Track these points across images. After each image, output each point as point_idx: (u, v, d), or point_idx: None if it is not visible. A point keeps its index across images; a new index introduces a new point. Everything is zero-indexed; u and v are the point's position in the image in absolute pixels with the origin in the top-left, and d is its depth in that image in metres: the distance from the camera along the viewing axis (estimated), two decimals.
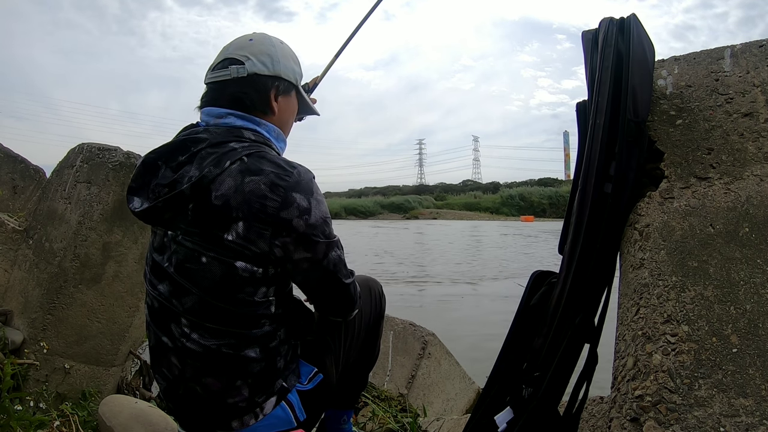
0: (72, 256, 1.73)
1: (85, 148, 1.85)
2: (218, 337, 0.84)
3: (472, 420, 1.22)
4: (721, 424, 0.80)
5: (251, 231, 0.79)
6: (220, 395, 0.86)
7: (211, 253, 0.81)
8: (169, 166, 0.86)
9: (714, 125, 1.03)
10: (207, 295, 0.82)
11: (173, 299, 0.85)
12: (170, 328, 0.87)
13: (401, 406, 2.20)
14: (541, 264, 9.68)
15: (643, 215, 1.04)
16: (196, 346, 0.84)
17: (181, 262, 0.84)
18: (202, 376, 0.86)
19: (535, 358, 1.10)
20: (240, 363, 0.85)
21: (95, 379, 1.81)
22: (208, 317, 0.83)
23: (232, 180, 0.80)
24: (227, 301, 0.83)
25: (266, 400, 0.88)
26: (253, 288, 0.83)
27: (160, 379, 0.93)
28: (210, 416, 0.88)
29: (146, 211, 0.87)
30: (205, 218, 0.81)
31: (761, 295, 0.87)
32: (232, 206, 0.79)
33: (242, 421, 0.88)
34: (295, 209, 0.80)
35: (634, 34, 1.07)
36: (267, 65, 0.92)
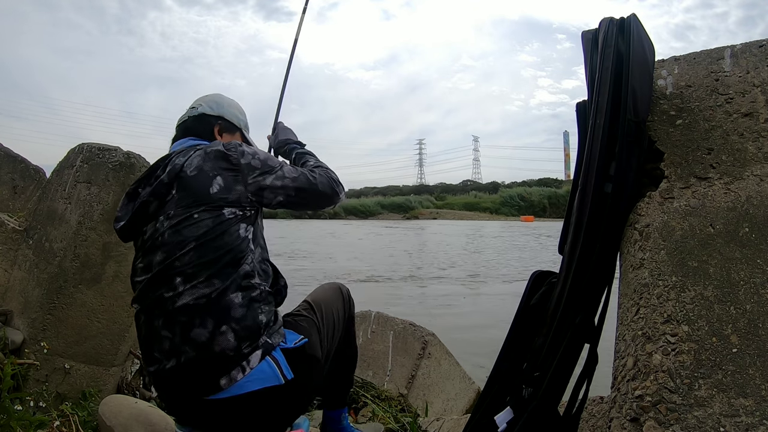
0: (72, 256, 1.73)
1: (85, 148, 1.85)
2: (209, 283, 0.96)
3: (472, 420, 1.22)
4: (721, 424, 0.80)
5: (227, 180, 1.03)
6: (207, 346, 0.94)
7: (201, 208, 1.00)
8: (148, 185, 1.08)
9: (714, 125, 1.03)
10: (203, 239, 0.98)
11: (170, 261, 0.98)
12: (162, 294, 0.98)
13: (401, 406, 2.20)
14: (541, 264, 9.70)
15: (643, 215, 1.04)
16: (187, 300, 0.96)
17: (174, 227, 1.00)
18: (190, 331, 0.95)
19: (535, 358, 1.10)
20: (225, 307, 0.96)
21: (95, 379, 1.81)
22: (201, 264, 0.97)
23: (198, 157, 1.06)
24: (218, 243, 0.99)
25: (252, 352, 0.95)
26: (235, 227, 1.01)
27: (152, 365, 1.00)
28: (200, 380, 0.94)
29: (133, 215, 1.06)
30: (189, 187, 1.02)
31: (761, 295, 0.87)
32: (206, 170, 1.03)
33: (230, 376, 0.94)
34: (248, 156, 1.08)
35: (634, 34, 1.07)
36: (213, 108, 1.24)
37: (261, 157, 1.09)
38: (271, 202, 1.09)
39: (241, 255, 1.00)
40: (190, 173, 1.03)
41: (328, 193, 1.16)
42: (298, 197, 1.11)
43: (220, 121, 1.23)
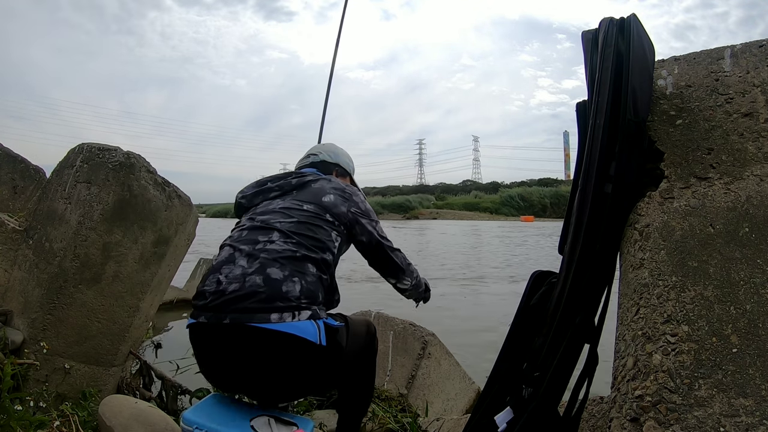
0: (72, 256, 1.73)
1: (85, 148, 1.85)
2: (298, 246, 1.20)
3: (472, 420, 1.22)
4: (721, 424, 0.80)
5: (337, 199, 1.33)
6: (279, 282, 1.12)
7: (311, 206, 1.30)
8: (275, 182, 1.41)
9: (714, 125, 1.03)
10: (305, 220, 1.26)
11: (277, 220, 1.25)
12: (257, 239, 1.21)
13: (401, 406, 2.20)
14: (541, 263, 9.63)
15: (643, 215, 1.03)
16: (278, 246, 1.18)
17: (286, 206, 1.30)
18: (268, 267, 1.14)
19: (535, 358, 1.10)
20: (303, 267, 1.17)
21: (95, 379, 1.81)
22: (297, 233, 1.22)
23: (324, 181, 1.40)
24: (315, 229, 1.25)
25: (305, 308, 1.13)
26: (329, 230, 1.28)
27: (209, 288, 1.15)
28: (255, 306, 1.09)
29: (257, 193, 1.39)
30: (309, 192, 1.34)
31: (761, 295, 0.87)
32: (325, 188, 1.36)
33: (282, 316, 1.09)
34: (359, 197, 1.40)
35: (634, 34, 1.07)
36: (331, 157, 1.58)
37: (367, 206, 1.40)
38: (356, 236, 1.36)
39: (326, 248, 1.24)
40: (313, 186, 1.36)
41: (400, 266, 1.42)
42: (376, 249, 1.38)
43: (337, 168, 1.57)
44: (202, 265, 6.06)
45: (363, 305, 3.55)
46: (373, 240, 1.37)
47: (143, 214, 1.82)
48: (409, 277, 1.44)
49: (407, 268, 1.44)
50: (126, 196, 1.78)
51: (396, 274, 1.43)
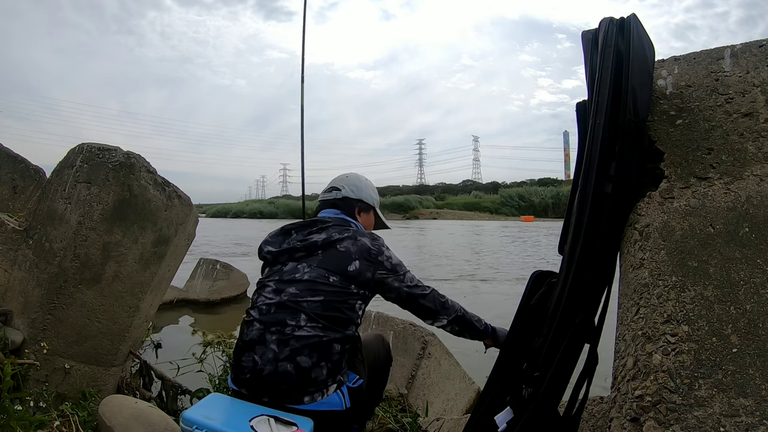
0: (72, 256, 1.73)
1: (85, 148, 1.85)
2: (324, 330, 1.26)
3: (472, 420, 1.22)
4: (721, 424, 0.80)
5: (362, 265, 1.34)
6: (308, 370, 1.22)
7: (337, 276, 1.31)
8: (299, 233, 1.41)
9: (714, 125, 1.03)
10: (330, 298, 1.29)
11: (304, 299, 1.28)
12: (285, 321, 1.26)
13: (401, 406, 2.20)
14: (541, 262, 9.68)
15: (643, 215, 1.03)
16: (306, 333, 1.24)
17: (313, 278, 1.31)
18: (298, 355, 1.23)
19: (535, 358, 1.10)
20: (329, 350, 1.25)
21: (95, 379, 1.81)
22: (324, 315, 1.27)
23: (350, 241, 1.37)
24: (340, 306, 1.29)
25: (331, 384, 1.25)
26: (353, 302, 1.32)
27: (246, 365, 1.26)
28: (289, 391, 1.22)
29: (283, 251, 1.38)
30: (335, 258, 1.34)
31: (761, 295, 0.87)
32: (351, 252, 1.34)
33: (312, 397, 1.23)
34: (385, 257, 1.38)
35: (634, 34, 1.07)
36: (354, 192, 1.54)
37: (393, 262, 1.40)
38: (384, 293, 1.40)
39: (351, 321, 1.31)
40: (339, 248, 1.35)
41: (431, 308, 1.42)
42: (406, 300, 1.40)
43: (360, 203, 1.55)
44: (202, 265, 6.06)
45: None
46: (402, 294, 1.39)
47: (143, 214, 1.82)
48: (445, 315, 1.43)
49: (441, 308, 1.43)
50: (126, 196, 1.78)
51: (431, 316, 1.43)
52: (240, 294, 5.80)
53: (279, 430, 1.11)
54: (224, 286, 5.71)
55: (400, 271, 1.41)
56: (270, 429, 1.10)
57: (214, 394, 1.30)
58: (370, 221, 1.59)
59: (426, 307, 1.42)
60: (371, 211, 1.59)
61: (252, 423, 1.10)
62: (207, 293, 5.58)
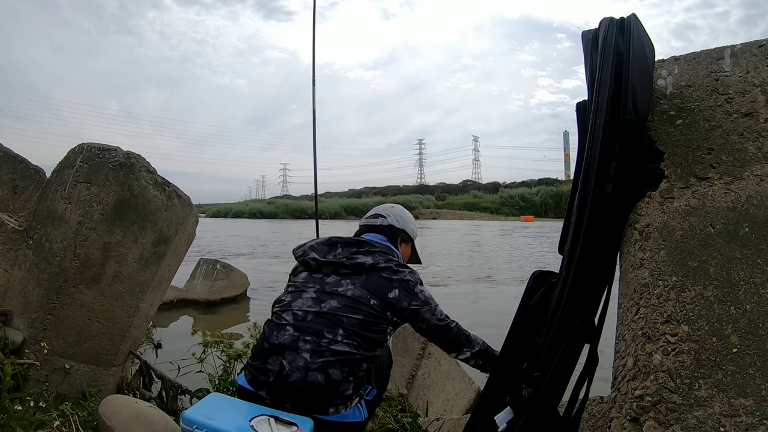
0: (72, 256, 1.73)
1: (85, 148, 1.85)
2: (358, 348, 1.31)
3: (472, 420, 1.22)
4: (721, 424, 0.80)
5: (401, 295, 1.40)
6: (337, 384, 1.27)
7: (377, 301, 1.37)
8: (345, 248, 1.46)
9: (714, 125, 1.03)
10: (367, 319, 1.34)
11: (345, 315, 1.33)
12: (322, 333, 1.30)
13: (401, 406, 2.20)
14: (542, 261, 9.68)
15: (643, 215, 1.03)
16: (341, 348, 1.29)
17: (357, 296, 1.36)
18: (330, 368, 1.27)
19: (535, 358, 1.10)
20: (359, 367, 1.31)
21: (95, 379, 1.81)
22: (360, 334, 1.32)
23: (391, 270, 1.43)
24: (375, 328, 1.35)
25: (355, 398, 1.32)
26: (386, 326, 1.38)
27: (272, 368, 1.28)
28: (315, 401, 1.26)
29: (328, 263, 1.43)
30: (378, 283, 1.40)
31: (761, 295, 0.87)
32: (393, 280, 1.41)
33: (337, 409, 1.28)
34: (420, 289, 1.45)
35: (634, 34, 1.07)
36: (399, 222, 1.64)
37: (426, 295, 1.47)
38: (415, 323, 1.46)
39: (379, 344, 1.37)
40: (383, 274, 1.41)
41: (456, 342, 1.48)
42: (434, 332, 1.46)
43: (403, 234, 1.65)
44: (202, 265, 6.06)
45: None
46: (432, 326, 1.46)
47: (143, 214, 1.82)
48: (468, 348, 1.49)
49: (465, 341, 1.49)
50: (126, 196, 1.78)
51: (456, 348, 1.49)
52: (240, 294, 5.80)
53: (279, 430, 1.11)
54: (224, 286, 5.72)
55: (432, 304, 1.47)
56: (270, 429, 1.10)
57: (214, 394, 1.30)
58: (408, 252, 1.69)
59: (451, 339, 1.48)
60: (410, 243, 1.70)
61: (252, 423, 1.10)
62: (207, 293, 5.58)
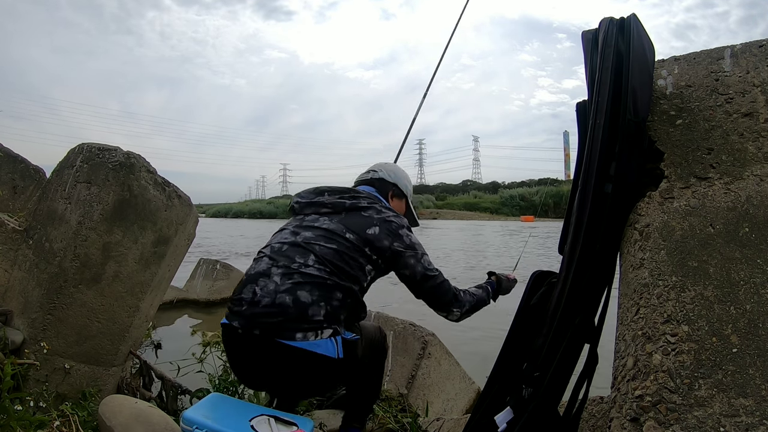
0: (72, 256, 1.73)
1: (85, 148, 1.85)
2: (330, 275, 1.26)
3: (472, 420, 1.22)
4: (721, 424, 0.80)
5: (382, 233, 1.36)
6: (305, 306, 1.22)
7: (354, 236, 1.33)
8: (331, 195, 1.44)
9: (714, 125, 1.03)
10: (343, 250, 1.30)
11: (318, 243, 1.31)
12: (294, 258, 1.29)
13: (401, 406, 2.19)
14: (542, 261, 9.59)
15: (643, 215, 1.03)
16: (312, 271, 1.26)
17: (332, 230, 1.34)
18: (299, 289, 1.23)
19: (535, 358, 1.10)
20: (331, 293, 1.25)
21: (95, 379, 1.81)
22: (333, 262, 1.28)
23: (374, 210, 1.41)
24: (350, 261, 1.30)
25: (327, 329, 1.24)
26: (364, 263, 1.32)
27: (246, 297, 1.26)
28: (283, 325, 1.21)
29: (311, 203, 1.44)
30: (356, 219, 1.37)
31: (761, 295, 0.87)
32: (373, 218, 1.37)
33: (305, 335, 1.21)
34: (405, 231, 1.40)
35: (634, 34, 1.07)
36: (391, 176, 1.60)
37: (413, 240, 1.41)
38: (398, 269, 1.39)
39: (357, 280, 1.31)
40: (363, 213, 1.39)
41: (445, 299, 1.41)
42: (420, 282, 1.39)
43: (395, 188, 1.60)
44: (202, 265, 6.06)
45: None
46: (417, 274, 1.38)
47: (143, 214, 1.82)
48: (458, 308, 1.43)
49: (455, 300, 1.43)
50: (126, 196, 1.78)
51: (444, 307, 1.43)
52: None
53: (279, 430, 1.11)
54: (224, 286, 5.72)
55: (419, 250, 1.40)
56: (270, 429, 1.10)
57: (214, 394, 1.30)
58: (401, 209, 1.61)
59: (439, 296, 1.41)
60: (404, 199, 1.63)
61: (252, 423, 1.10)
62: (207, 293, 5.58)
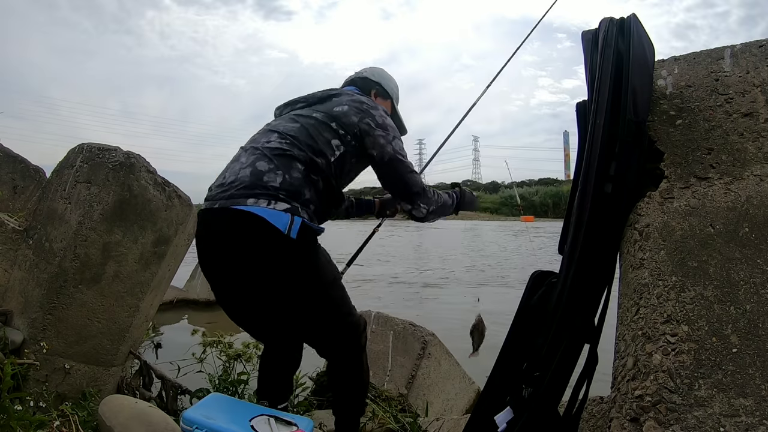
0: (72, 256, 1.73)
1: (85, 148, 1.85)
2: (291, 146, 1.24)
3: (472, 420, 1.22)
4: (721, 424, 0.80)
5: (350, 110, 1.31)
6: (261, 174, 1.20)
7: (320, 114, 1.31)
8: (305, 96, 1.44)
9: (714, 125, 1.03)
10: (305, 125, 1.29)
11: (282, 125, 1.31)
12: (260, 139, 1.30)
13: (401, 406, 2.19)
14: (542, 261, 9.60)
15: (643, 215, 1.03)
16: (273, 144, 1.25)
17: (300, 114, 1.34)
18: (258, 161, 1.23)
19: (535, 358, 1.10)
20: (290, 162, 1.22)
21: (95, 379, 1.81)
22: (295, 135, 1.27)
23: (347, 96, 1.38)
24: (314, 134, 1.27)
25: (283, 201, 1.18)
26: (330, 137, 1.28)
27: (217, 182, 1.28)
28: (238, 193, 1.19)
29: (288, 103, 1.45)
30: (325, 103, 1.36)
31: (761, 295, 0.87)
32: (344, 99, 1.35)
33: (257, 201, 1.16)
34: (378, 110, 1.35)
35: (634, 34, 1.07)
36: (375, 76, 1.56)
37: (386, 120, 1.34)
38: (367, 149, 1.31)
39: (321, 152, 1.26)
40: (334, 99, 1.36)
41: (413, 190, 1.33)
42: (387, 165, 1.31)
43: (378, 87, 1.54)
44: None
45: (363, 305, 3.55)
46: (385, 155, 1.29)
47: (143, 214, 1.82)
48: (425, 203, 1.34)
49: (423, 194, 1.34)
50: (126, 196, 1.78)
51: (410, 198, 1.33)
52: None
53: (279, 430, 1.11)
54: None
55: (391, 132, 1.32)
56: (270, 429, 1.10)
57: (214, 394, 1.30)
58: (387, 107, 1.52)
59: (408, 184, 1.32)
60: (389, 100, 1.55)
61: (252, 423, 1.10)
62: (207, 293, 5.58)
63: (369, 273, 8.61)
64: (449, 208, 1.47)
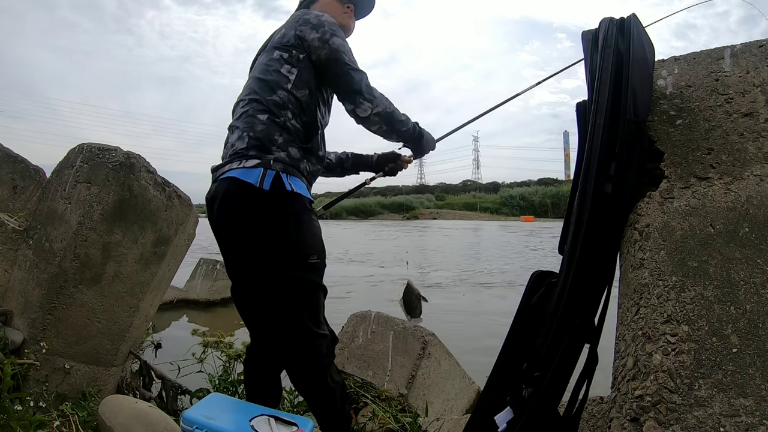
0: (72, 256, 1.73)
1: (85, 148, 1.85)
2: (250, 102, 1.26)
3: (472, 420, 1.22)
4: (721, 424, 0.80)
5: (288, 30, 1.29)
6: (233, 145, 1.26)
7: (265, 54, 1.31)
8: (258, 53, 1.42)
9: (714, 125, 1.03)
10: (257, 75, 1.29)
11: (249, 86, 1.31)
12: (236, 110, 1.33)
13: (401, 406, 2.19)
14: (542, 261, 9.68)
15: (643, 215, 1.03)
16: (238, 113, 1.29)
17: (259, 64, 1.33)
18: (232, 135, 1.28)
19: (535, 358, 1.10)
20: (251, 119, 1.24)
21: (95, 379, 1.81)
22: (251, 91, 1.28)
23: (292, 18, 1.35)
24: (266, 73, 1.27)
25: (251, 158, 1.20)
26: (278, 66, 1.26)
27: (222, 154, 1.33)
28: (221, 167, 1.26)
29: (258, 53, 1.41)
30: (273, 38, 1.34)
31: (761, 295, 0.87)
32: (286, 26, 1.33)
33: (231, 166, 1.22)
34: (310, 15, 1.29)
35: (634, 34, 1.07)
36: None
37: (322, 19, 1.28)
38: (311, 55, 1.26)
39: (277, 86, 1.25)
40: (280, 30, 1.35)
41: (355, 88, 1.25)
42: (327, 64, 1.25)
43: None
44: (202, 265, 6.06)
45: (363, 305, 3.55)
46: (322, 54, 1.24)
47: (143, 214, 1.82)
48: (369, 102, 1.25)
49: (366, 92, 1.25)
50: (126, 196, 1.78)
51: (352, 96, 1.25)
52: None
53: (279, 430, 1.11)
54: (224, 286, 5.72)
55: (326, 28, 1.25)
56: (270, 429, 1.10)
57: (214, 394, 1.30)
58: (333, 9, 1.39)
59: (348, 82, 1.25)
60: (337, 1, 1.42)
61: (252, 423, 1.10)
62: (207, 293, 5.59)
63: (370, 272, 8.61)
64: (407, 125, 1.36)
